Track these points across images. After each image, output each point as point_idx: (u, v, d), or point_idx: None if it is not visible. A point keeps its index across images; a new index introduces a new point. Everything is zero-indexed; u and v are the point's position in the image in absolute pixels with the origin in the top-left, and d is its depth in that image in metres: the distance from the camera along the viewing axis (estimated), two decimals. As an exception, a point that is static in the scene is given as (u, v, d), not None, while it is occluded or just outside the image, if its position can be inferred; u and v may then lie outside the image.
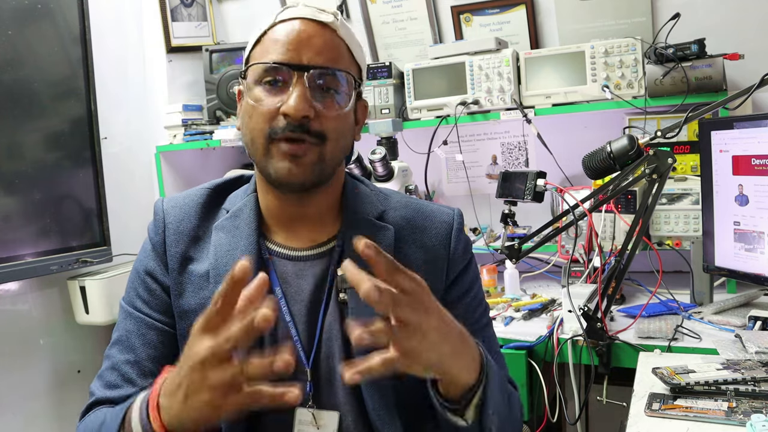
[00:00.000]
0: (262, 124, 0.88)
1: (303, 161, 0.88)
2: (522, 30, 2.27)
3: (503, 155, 2.40)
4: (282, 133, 0.87)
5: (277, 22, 0.90)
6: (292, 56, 0.87)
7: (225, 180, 1.05)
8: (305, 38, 0.88)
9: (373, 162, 1.97)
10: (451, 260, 0.99)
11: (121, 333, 0.96)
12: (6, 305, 2.07)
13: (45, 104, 2.04)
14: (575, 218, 1.55)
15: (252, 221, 0.96)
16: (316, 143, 0.88)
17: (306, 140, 0.87)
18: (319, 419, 0.91)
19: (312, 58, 0.87)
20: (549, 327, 1.61)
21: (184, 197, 1.01)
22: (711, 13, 1.98)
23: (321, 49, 0.88)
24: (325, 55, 0.88)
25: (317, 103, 0.87)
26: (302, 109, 0.85)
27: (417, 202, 1.04)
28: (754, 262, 1.51)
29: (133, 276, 0.99)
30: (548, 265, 2.03)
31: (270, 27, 0.91)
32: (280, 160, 0.88)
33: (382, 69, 2.24)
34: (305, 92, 0.86)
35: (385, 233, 0.97)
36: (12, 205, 1.93)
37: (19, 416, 2.06)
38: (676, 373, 1.18)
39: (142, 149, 2.53)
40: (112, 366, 0.94)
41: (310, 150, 0.88)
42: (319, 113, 0.88)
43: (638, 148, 1.47)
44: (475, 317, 1.00)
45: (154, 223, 0.99)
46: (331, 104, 0.89)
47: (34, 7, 1.99)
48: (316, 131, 0.88)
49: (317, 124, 0.88)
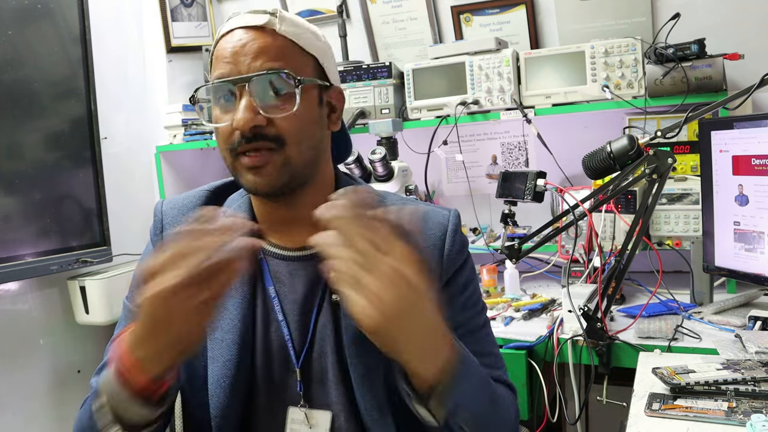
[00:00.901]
0: (223, 143, 0.89)
1: (265, 170, 0.87)
2: (522, 30, 2.27)
3: (503, 155, 2.40)
4: (239, 147, 0.86)
5: (219, 38, 0.90)
6: (231, 69, 0.86)
7: (224, 182, 1.04)
8: (240, 48, 0.86)
9: (373, 162, 1.97)
10: (445, 261, 0.97)
11: (123, 329, 0.95)
12: (6, 305, 2.07)
13: (45, 104, 2.04)
14: (575, 218, 1.55)
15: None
16: (276, 148, 0.87)
17: (263, 148, 0.86)
18: (311, 418, 0.91)
19: (250, 66, 0.86)
20: (549, 327, 1.61)
21: (183, 199, 1.02)
22: (711, 13, 1.98)
23: (257, 54, 0.86)
24: (263, 59, 0.86)
25: (266, 110, 0.86)
26: (249, 120, 0.84)
27: (413, 203, 1.04)
28: (754, 262, 1.51)
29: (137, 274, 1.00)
30: (548, 265, 2.03)
31: (216, 43, 0.90)
32: (245, 173, 0.88)
33: (382, 69, 2.24)
34: (250, 103, 0.85)
35: None
36: (12, 205, 1.93)
37: (19, 416, 2.06)
38: (676, 373, 1.18)
39: (142, 149, 2.53)
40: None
41: (271, 157, 0.87)
42: (271, 119, 0.86)
43: (638, 148, 1.47)
44: (469, 316, 0.99)
45: (154, 225, 1.01)
46: (281, 106, 0.87)
47: (34, 7, 1.99)
48: (273, 136, 0.87)
49: (272, 130, 0.86)
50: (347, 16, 2.49)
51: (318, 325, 0.93)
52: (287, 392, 0.92)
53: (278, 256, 0.96)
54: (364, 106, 2.25)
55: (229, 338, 0.91)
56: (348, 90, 2.24)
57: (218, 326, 0.92)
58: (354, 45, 2.47)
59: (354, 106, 2.24)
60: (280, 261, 0.96)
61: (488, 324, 1.03)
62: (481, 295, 1.04)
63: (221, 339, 0.91)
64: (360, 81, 2.26)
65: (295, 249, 0.96)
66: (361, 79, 2.26)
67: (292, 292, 0.94)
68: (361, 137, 2.19)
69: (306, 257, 0.94)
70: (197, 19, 2.66)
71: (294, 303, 0.93)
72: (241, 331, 0.91)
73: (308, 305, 0.93)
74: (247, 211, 0.98)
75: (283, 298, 0.94)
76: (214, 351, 0.91)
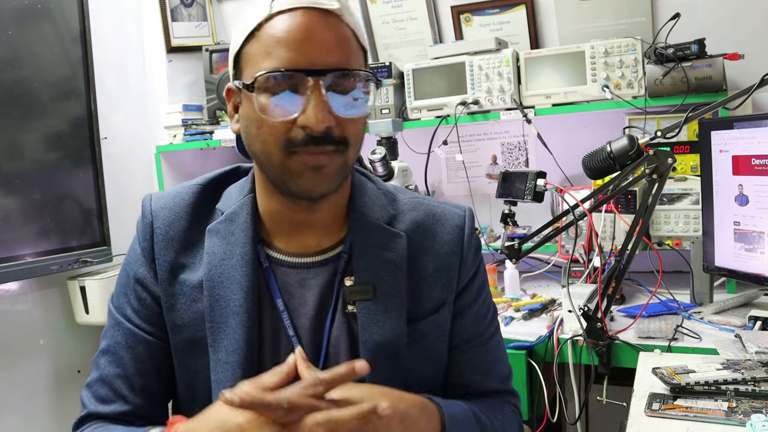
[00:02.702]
0: (275, 136, 0.78)
1: (327, 171, 0.80)
2: (522, 30, 2.27)
3: (503, 155, 2.40)
4: (303, 146, 0.78)
5: (274, 14, 0.78)
6: (304, 59, 0.76)
7: (219, 174, 0.96)
8: (312, 34, 0.76)
9: (373, 162, 1.97)
10: (462, 266, 0.94)
11: (110, 343, 0.92)
12: (6, 305, 2.07)
13: (45, 104, 2.04)
14: (575, 218, 1.55)
15: (249, 227, 0.88)
16: (340, 150, 0.80)
17: (328, 150, 0.79)
18: None
19: (325, 59, 0.77)
20: (549, 327, 1.61)
21: (173, 196, 0.92)
22: (711, 13, 1.98)
23: (332, 46, 0.77)
24: (338, 53, 0.78)
25: (337, 110, 0.78)
26: (324, 120, 0.76)
27: (426, 203, 0.96)
28: (754, 262, 1.51)
29: (123, 279, 0.93)
30: (548, 265, 2.03)
31: (266, 20, 0.78)
32: (303, 173, 0.79)
33: (382, 69, 2.24)
34: (324, 100, 0.76)
35: (398, 242, 0.90)
36: (12, 205, 1.93)
37: (19, 416, 2.06)
38: (676, 373, 1.18)
39: (142, 149, 2.53)
40: (102, 378, 0.90)
41: (334, 159, 0.80)
42: (340, 120, 0.79)
43: (638, 148, 1.47)
44: (482, 329, 0.97)
45: (142, 226, 0.92)
46: (352, 108, 0.80)
47: (34, 7, 1.99)
48: (339, 138, 0.79)
49: (339, 131, 0.79)
50: (347, 16, 2.48)
51: (331, 338, 0.87)
52: None
53: (286, 264, 0.89)
54: (364, 106, 2.25)
55: (234, 360, 0.84)
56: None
57: (222, 347, 0.85)
58: (354, 45, 2.46)
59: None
60: (289, 269, 0.89)
61: (498, 329, 1.01)
62: (491, 297, 1.02)
63: (225, 361, 0.84)
64: (360, 81, 2.26)
65: (304, 255, 0.89)
66: (361, 79, 2.26)
67: (302, 305, 0.88)
68: (361, 137, 2.19)
69: (316, 263, 0.89)
70: (197, 19, 2.66)
71: (305, 316, 0.87)
72: (247, 352, 0.84)
73: (320, 317, 0.87)
74: (251, 211, 0.89)
75: (293, 311, 0.87)
76: (218, 374, 0.85)
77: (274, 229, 0.91)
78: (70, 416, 0.92)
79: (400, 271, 0.89)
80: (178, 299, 0.88)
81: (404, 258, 0.89)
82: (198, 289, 0.87)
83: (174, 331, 0.89)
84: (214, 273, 0.87)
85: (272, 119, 0.78)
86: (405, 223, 0.93)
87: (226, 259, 0.87)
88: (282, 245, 0.90)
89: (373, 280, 0.87)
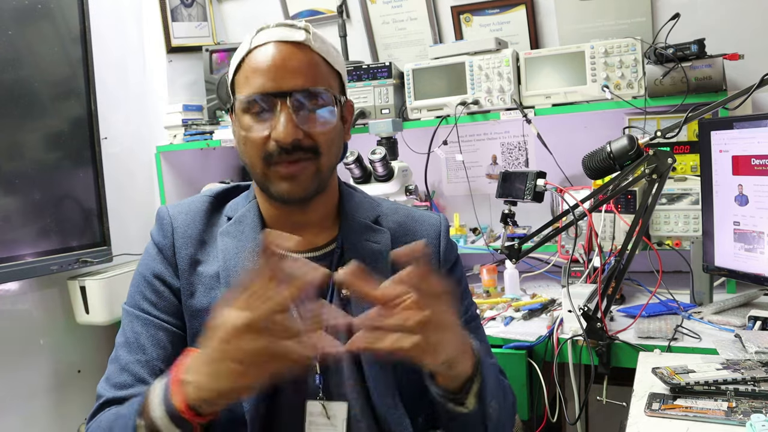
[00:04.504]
0: (256, 150, 0.93)
1: (300, 179, 0.94)
2: (522, 30, 2.27)
3: (503, 155, 2.40)
4: (277, 157, 0.92)
5: (253, 48, 0.94)
6: (272, 84, 0.91)
7: (223, 188, 1.10)
8: (281, 63, 0.92)
9: (373, 162, 1.97)
10: (442, 256, 1.08)
11: (129, 335, 0.97)
12: (6, 305, 2.08)
13: (45, 104, 2.04)
14: (575, 218, 1.55)
15: (256, 226, 1.01)
16: (311, 158, 0.94)
17: (301, 158, 0.93)
18: (329, 410, 0.95)
19: (291, 82, 0.91)
20: (549, 327, 1.62)
21: (188, 204, 1.06)
22: (711, 13, 1.98)
23: (298, 70, 0.92)
24: (303, 76, 0.92)
25: (304, 123, 0.92)
26: (290, 134, 0.90)
27: (405, 208, 1.12)
28: (753, 262, 1.51)
29: (138, 280, 1.02)
30: (548, 265, 2.03)
31: (247, 53, 0.95)
32: (279, 181, 0.94)
33: (382, 69, 2.24)
34: (291, 117, 0.91)
35: (383, 236, 1.04)
36: (12, 205, 1.93)
37: (19, 416, 2.06)
38: (676, 373, 1.18)
39: (142, 149, 2.53)
40: (122, 367, 0.94)
41: (306, 167, 0.94)
42: (309, 132, 0.93)
43: (638, 148, 1.47)
44: (466, 306, 1.09)
45: (160, 228, 1.02)
46: (318, 121, 0.94)
47: (34, 7, 1.99)
48: (309, 147, 0.93)
49: (309, 141, 0.93)
50: (347, 16, 2.49)
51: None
52: (307, 386, 0.96)
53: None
54: (364, 106, 2.26)
55: None
56: (348, 90, 2.23)
57: None
58: (354, 45, 2.47)
59: (354, 106, 2.24)
60: None
61: (478, 316, 1.14)
62: (470, 292, 1.15)
63: None
64: (360, 81, 2.26)
65: (302, 251, 1.00)
66: (361, 79, 2.26)
67: None
68: (361, 137, 2.19)
69: (313, 258, 1.00)
70: (197, 19, 2.66)
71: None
72: None
73: None
74: (257, 215, 1.02)
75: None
76: None
77: (276, 228, 1.00)
78: (70, 416, 0.92)
79: (385, 260, 1.02)
80: (197, 287, 0.99)
81: (389, 249, 1.02)
82: (215, 279, 0.98)
83: (193, 317, 0.98)
84: (229, 264, 0.98)
85: (252, 136, 0.93)
86: (388, 222, 1.07)
87: (239, 253, 0.99)
88: None
89: (363, 271, 0.94)
